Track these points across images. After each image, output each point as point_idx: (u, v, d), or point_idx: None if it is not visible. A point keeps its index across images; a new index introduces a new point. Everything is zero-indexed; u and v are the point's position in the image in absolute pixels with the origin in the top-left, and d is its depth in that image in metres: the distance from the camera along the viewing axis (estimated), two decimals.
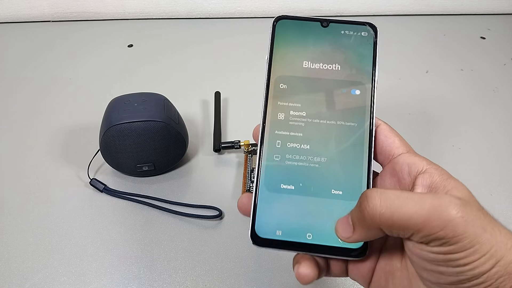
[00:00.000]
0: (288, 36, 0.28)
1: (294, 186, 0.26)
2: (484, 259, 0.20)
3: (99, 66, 0.66)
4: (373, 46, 0.28)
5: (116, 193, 0.46)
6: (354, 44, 0.28)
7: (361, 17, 0.79)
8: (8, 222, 0.43)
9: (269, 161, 0.27)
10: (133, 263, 0.40)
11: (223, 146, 0.50)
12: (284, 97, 0.28)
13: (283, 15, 0.28)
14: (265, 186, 0.26)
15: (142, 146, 0.44)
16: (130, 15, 0.79)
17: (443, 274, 0.21)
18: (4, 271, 0.39)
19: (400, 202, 0.20)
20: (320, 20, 0.28)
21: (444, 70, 0.65)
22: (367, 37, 0.28)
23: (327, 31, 0.28)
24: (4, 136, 0.54)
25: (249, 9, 0.79)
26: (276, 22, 0.28)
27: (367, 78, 0.27)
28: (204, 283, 0.38)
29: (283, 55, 0.28)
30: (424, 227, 0.20)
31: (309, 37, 0.28)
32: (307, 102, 0.27)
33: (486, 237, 0.20)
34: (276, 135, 0.28)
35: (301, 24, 0.28)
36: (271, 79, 0.28)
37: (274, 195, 0.26)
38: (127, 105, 0.44)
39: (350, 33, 0.28)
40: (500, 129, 0.54)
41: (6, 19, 0.78)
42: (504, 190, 0.46)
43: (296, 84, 0.28)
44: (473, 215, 0.21)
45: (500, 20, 0.78)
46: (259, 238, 0.25)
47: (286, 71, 0.28)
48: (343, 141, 0.26)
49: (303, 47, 0.28)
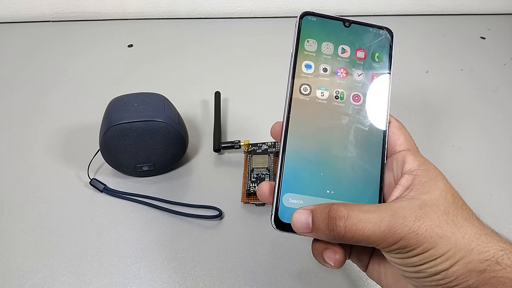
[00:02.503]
0: (312, 31, 0.30)
1: (314, 177, 0.28)
2: (440, 260, 0.22)
3: (99, 66, 0.66)
4: (389, 46, 0.30)
5: (116, 193, 0.46)
6: (373, 42, 0.30)
7: (361, 17, 0.79)
8: (8, 222, 0.43)
9: (292, 152, 0.28)
10: (133, 263, 0.40)
11: (223, 146, 0.50)
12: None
13: (308, 11, 0.30)
14: (288, 175, 0.28)
15: (142, 146, 0.44)
16: (130, 15, 0.79)
17: (405, 271, 0.24)
18: (4, 271, 0.39)
19: (362, 225, 0.23)
20: (342, 20, 0.30)
21: (444, 70, 0.65)
22: (384, 38, 0.30)
23: (349, 30, 0.30)
24: (4, 136, 0.54)
25: (249, 9, 0.79)
26: (303, 17, 0.30)
27: (384, 74, 0.30)
28: (204, 283, 0.38)
29: (307, 49, 0.29)
30: (381, 243, 0.23)
31: (333, 33, 0.30)
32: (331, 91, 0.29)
33: (443, 242, 0.23)
34: (299, 130, 0.29)
35: (325, 22, 0.30)
36: (297, 69, 0.29)
37: (296, 183, 0.27)
38: (127, 105, 0.44)
39: (369, 33, 0.30)
40: (500, 129, 0.54)
41: (6, 19, 0.78)
42: (504, 190, 0.46)
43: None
44: (431, 223, 0.23)
45: (500, 20, 0.78)
46: (282, 223, 0.27)
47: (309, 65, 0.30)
48: (361, 140, 0.29)
49: (328, 41, 0.30)
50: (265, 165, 0.46)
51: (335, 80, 0.29)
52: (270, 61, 0.67)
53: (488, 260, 0.22)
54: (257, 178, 0.45)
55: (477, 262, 0.22)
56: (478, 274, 0.22)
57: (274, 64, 0.66)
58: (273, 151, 0.48)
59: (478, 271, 0.22)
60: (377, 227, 0.23)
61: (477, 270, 0.22)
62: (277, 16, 0.79)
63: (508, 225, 0.43)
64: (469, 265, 0.22)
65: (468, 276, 0.22)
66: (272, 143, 0.49)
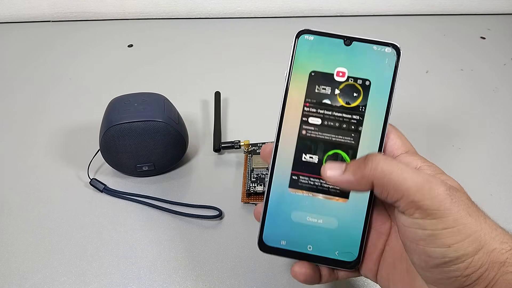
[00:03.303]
0: (309, 51, 0.28)
1: (300, 205, 0.28)
2: (467, 242, 0.21)
3: (99, 66, 0.66)
4: (394, 67, 0.28)
5: (116, 193, 0.46)
6: (375, 63, 0.28)
7: (361, 17, 0.79)
8: (8, 222, 0.43)
9: (279, 178, 0.29)
10: (133, 263, 0.40)
11: (223, 146, 0.50)
12: (300, 113, 0.28)
13: (305, 30, 0.28)
14: (274, 202, 0.28)
15: (142, 146, 0.44)
16: (130, 15, 0.79)
17: (430, 257, 0.22)
18: (4, 271, 0.39)
19: (400, 167, 0.23)
20: (343, 37, 0.28)
21: (444, 70, 0.65)
22: (389, 57, 0.28)
23: (349, 49, 0.28)
24: (4, 136, 0.54)
25: (249, 9, 0.79)
26: (299, 37, 0.28)
27: (383, 98, 0.28)
28: (204, 283, 0.38)
29: (303, 71, 0.28)
30: (414, 192, 0.22)
31: (331, 54, 0.28)
32: (322, 118, 0.28)
33: (471, 221, 0.22)
34: (288, 152, 0.29)
35: (323, 40, 0.28)
36: (289, 95, 0.28)
37: (281, 211, 0.28)
38: (127, 105, 0.44)
39: (372, 52, 0.28)
40: (500, 129, 0.54)
41: (6, 19, 0.78)
42: (504, 190, 0.46)
43: (313, 98, 0.28)
44: (461, 200, 0.22)
45: (500, 20, 0.78)
46: (265, 246, 0.28)
47: (305, 86, 0.28)
48: (344, 152, 0.28)
49: (324, 63, 0.28)
50: (265, 165, 0.46)
51: (330, 107, 0.28)
52: (270, 61, 0.67)
53: (509, 251, 0.21)
54: (257, 178, 0.45)
55: (498, 252, 0.21)
56: (498, 267, 0.21)
57: (274, 64, 0.66)
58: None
59: (499, 262, 0.21)
60: (416, 175, 0.23)
61: (499, 261, 0.21)
62: (277, 16, 0.79)
63: (508, 225, 0.42)
64: (492, 254, 0.21)
65: (490, 268, 0.21)
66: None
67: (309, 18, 0.79)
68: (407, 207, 0.23)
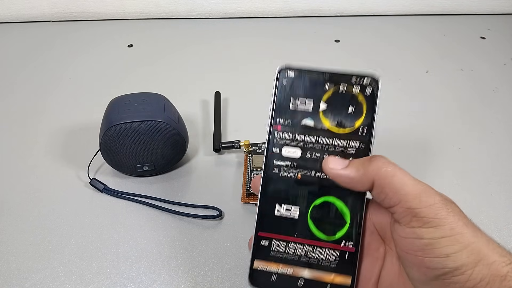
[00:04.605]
0: (291, 86, 0.27)
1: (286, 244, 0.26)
2: (466, 252, 0.21)
3: (99, 66, 0.66)
4: (373, 98, 0.26)
5: (116, 193, 0.46)
6: (355, 95, 0.26)
7: (361, 17, 0.79)
8: (8, 222, 0.43)
9: (266, 216, 0.27)
10: (133, 263, 0.40)
11: (223, 146, 0.50)
12: (282, 147, 0.27)
13: (285, 66, 0.27)
14: (260, 241, 0.26)
15: (142, 146, 0.44)
16: (130, 15, 0.79)
17: (429, 268, 0.22)
18: (4, 271, 0.39)
19: (403, 173, 0.23)
20: (322, 71, 0.27)
21: (444, 70, 0.65)
22: (368, 88, 0.26)
23: (329, 81, 0.27)
24: (4, 136, 0.54)
25: (249, 9, 0.79)
26: (280, 72, 0.27)
27: (367, 130, 0.26)
28: (204, 283, 0.38)
29: (285, 106, 0.27)
30: (412, 199, 0.22)
31: (311, 88, 0.27)
32: (305, 152, 0.27)
33: (468, 231, 0.22)
34: (274, 190, 0.27)
35: (304, 74, 0.27)
36: (272, 128, 0.27)
37: (269, 250, 0.26)
38: (127, 105, 0.44)
39: (352, 84, 0.26)
40: (500, 129, 0.54)
41: (6, 19, 0.78)
42: (504, 190, 0.46)
43: (295, 132, 0.27)
44: (456, 210, 0.22)
45: (500, 20, 0.78)
46: (256, 282, 0.26)
47: (288, 120, 0.27)
48: (339, 199, 0.26)
49: (305, 97, 0.27)
50: None
51: (311, 141, 0.26)
52: (270, 61, 0.67)
53: (510, 264, 0.21)
54: None
55: (499, 264, 0.21)
56: (500, 281, 0.21)
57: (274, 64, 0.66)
58: None
59: (500, 276, 0.21)
60: (417, 183, 0.23)
61: (500, 275, 0.21)
62: (277, 16, 0.79)
63: (508, 225, 0.43)
64: (492, 267, 0.21)
65: (492, 282, 0.21)
66: None
67: (309, 18, 0.79)
68: (403, 214, 0.23)
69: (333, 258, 0.26)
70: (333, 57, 0.68)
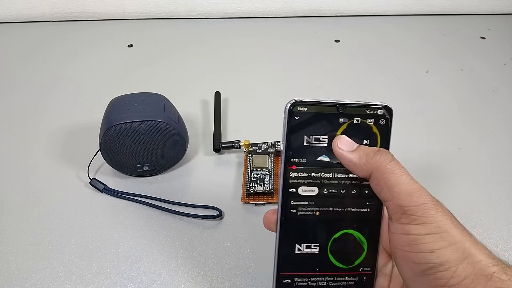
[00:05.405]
0: (304, 122, 0.26)
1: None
2: (450, 250, 0.22)
3: (99, 66, 0.66)
4: (387, 128, 0.26)
5: (116, 193, 0.46)
6: (370, 127, 0.26)
7: (361, 17, 0.79)
8: (8, 222, 0.43)
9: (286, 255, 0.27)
10: (133, 263, 0.40)
11: (223, 146, 0.50)
12: (298, 187, 0.26)
13: (298, 101, 0.25)
14: None
15: (142, 146, 0.44)
16: (130, 15, 0.79)
17: (415, 263, 0.23)
18: (4, 271, 0.39)
19: (402, 172, 0.24)
20: (336, 105, 0.26)
21: (444, 70, 0.65)
22: (382, 119, 0.26)
23: (343, 115, 0.26)
24: (4, 136, 0.54)
25: (249, 9, 0.79)
26: (292, 107, 0.25)
27: None
28: (204, 283, 0.38)
29: (299, 141, 0.26)
30: (403, 197, 0.23)
31: (326, 123, 0.26)
32: (322, 189, 0.26)
33: (455, 231, 0.23)
34: (293, 230, 0.27)
35: (317, 109, 0.26)
36: (287, 168, 0.26)
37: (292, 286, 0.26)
38: (127, 105, 0.44)
39: (365, 117, 0.26)
40: (500, 129, 0.54)
41: (6, 19, 0.78)
42: (504, 190, 0.46)
43: (311, 170, 0.26)
44: (446, 212, 0.23)
45: (500, 20, 0.78)
46: None
47: (302, 159, 0.26)
48: (357, 230, 0.27)
49: (320, 134, 0.26)
50: (265, 165, 0.46)
51: (328, 177, 0.26)
52: (270, 61, 0.67)
53: (497, 265, 0.22)
54: (257, 178, 0.45)
55: (484, 265, 0.22)
56: (485, 280, 0.21)
57: (274, 64, 0.66)
58: (273, 151, 0.48)
59: (485, 275, 0.21)
60: (412, 183, 0.24)
61: (485, 274, 0.21)
62: (277, 16, 0.79)
63: (508, 225, 0.43)
64: (477, 266, 0.22)
65: (476, 281, 0.21)
66: (272, 143, 0.49)
67: (309, 18, 0.79)
68: (394, 210, 0.24)
69: (352, 283, 0.27)
70: (333, 57, 0.68)
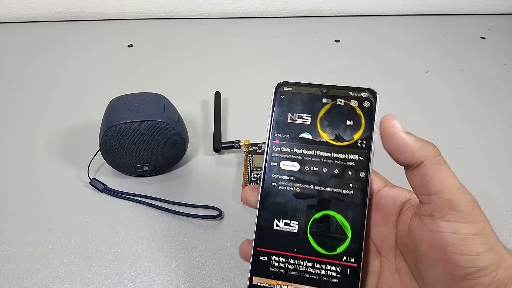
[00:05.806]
0: (289, 100, 0.27)
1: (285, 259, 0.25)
2: (492, 253, 0.21)
3: (99, 66, 0.66)
4: (372, 110, 0.26)
5: (116, 193, 0.46)
6: (354, 109, 0.26)
7: (361, 17, 0.79)
8: (8, 222, 0.43)
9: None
10: (133, 263, 0.40)
11: (223, 146, 0.50)
12: (280, 161, 0.27)
13: (284, 81, 0.27)
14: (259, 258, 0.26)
15: (142, 146, 0.44)
16: (130, 15, 0.79)
17: (457, 266, 0.21)
18: (4, 271, 0.39)
19: (448, 167, 0.23)
20: (319, 86, 0.27)
21: (444, 70, 0.65)
22: (366, 102, 0.26)
23: (327, 96, 0.27)
24: (4, 136, 0.54)
25: (249, 9, 0.79)
26: (279, 87, 0.27)
27: (366, 143, 0.26)
28: (204, 283, 0.38)
29: (283, 118, 0.27)
30: (454, 191, 0.22)
31: (309, 102, 0.27)
32: (304, 166, 0.26)
33: (492, 233, 0.22)
34: (273, 203, 0.26)
35: (301, 90, 0.27)
36: (270, 142, 0.27)
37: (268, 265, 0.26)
38: (127, 105, 0.44)
39: (349, 98, 0.27)
40: (500, 129, 0.54)
41: (6, 19, 0.78)
42: (504, 190, 0.46)
43: (292, 145, 0.27)
44: (483, 212, 0.22)
45: (500, 20, 0.78)
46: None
47: (286, 134, 0.27)
48: (339, 213, 0.26)
49: (303, 112, 0.27)
50: None
51: (309, 154, 0.26)
52: (270, 61, 0.67)
53: None
54: (257, 178, 0.45)
55: None
56: None
57: (274, 64, 0.66)
58: None
59: None
60: (457, 178, 0.23)
61: None
62: (277, 16, 0.79)
63: (508, 225, 0.43)
64: (510, 270, 0.21)
65: (510, 286, 0.21)
66: None
67: (309, 18, 0.79)
68: (441, 206, 0.22)
69: (335, 274, 0.25)
70: (333, 57, 0.68)
